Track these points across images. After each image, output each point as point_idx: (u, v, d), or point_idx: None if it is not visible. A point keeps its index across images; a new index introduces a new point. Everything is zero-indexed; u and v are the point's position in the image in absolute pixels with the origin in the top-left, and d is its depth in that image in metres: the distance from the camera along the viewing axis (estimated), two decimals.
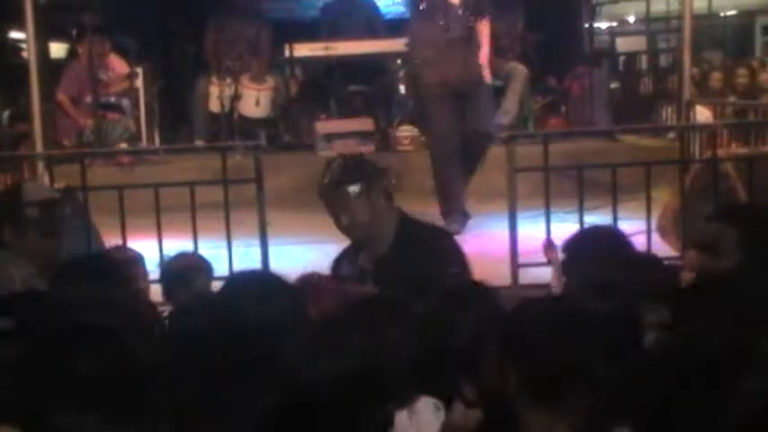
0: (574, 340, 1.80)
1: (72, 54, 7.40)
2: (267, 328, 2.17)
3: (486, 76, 5.52)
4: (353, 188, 3.09)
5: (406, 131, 6.97)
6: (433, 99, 5.39)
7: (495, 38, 7.36)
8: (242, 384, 1.84)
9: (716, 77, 8.70)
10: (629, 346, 2.04)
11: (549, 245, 3.95)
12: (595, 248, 2.87)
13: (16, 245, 3.11)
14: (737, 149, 5.67)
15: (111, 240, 4.32)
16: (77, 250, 3.71)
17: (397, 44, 7.48)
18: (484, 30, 5.54)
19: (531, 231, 4.39)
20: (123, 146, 6.78)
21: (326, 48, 7.31)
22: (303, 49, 7.30)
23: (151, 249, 3.93)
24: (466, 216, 5.36)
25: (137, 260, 3.40)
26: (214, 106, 7.24)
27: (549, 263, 3.85)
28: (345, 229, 3.16)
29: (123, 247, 3.75)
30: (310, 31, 7.83)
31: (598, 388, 1.76)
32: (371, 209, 3.10)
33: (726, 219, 2.92)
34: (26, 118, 6.03)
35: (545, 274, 3.82)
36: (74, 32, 7.43)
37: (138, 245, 4.05)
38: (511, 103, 7.10)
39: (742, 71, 8.56)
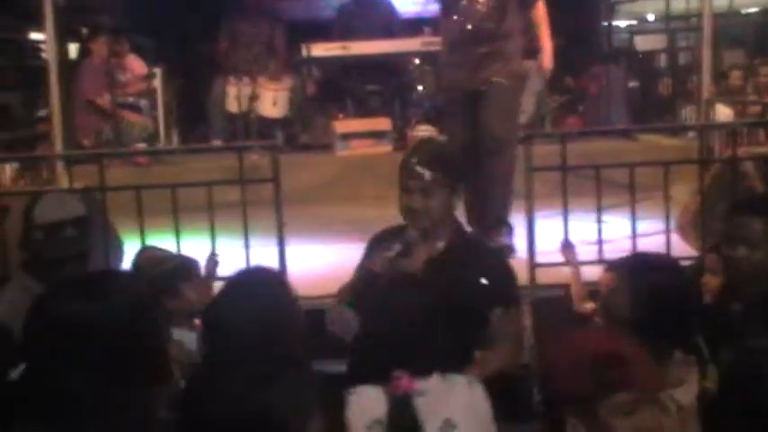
0: None
1: (84, 54, 7.43)
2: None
3: (546, 63, 5.01)
4: (443, 177, 3.03)
5: (422, 131, 6.96)
6: (448, 102, 4.99)
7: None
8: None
9: (736, 76, 8.63)
10: None
11: (566, 245, 3.94)
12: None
13: (28, 264, 2.90)
14: (758, 148, 5.63)
15: (130, 240, 4.35)
16: (96, 251, 3.71)
17: (413, 44, 7.49)
18: (540, 13, 4.98)
19: (549, 231, 4.37)
20: (141, 146, 6.82)
21: (343, 47, 7.31)
22: (320, 49, 7.31)
23: (169, 249, 3.93)
24: (509, 228, 4.85)
25: (194, 265, 3.37)
26: (231, 106, 7.26)
27: (566, 263, 3.84)
28: (413, 212, 3.04)
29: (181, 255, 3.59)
30: (327, 31, 7.84)
31: None
32: (446, 204, 3.05)
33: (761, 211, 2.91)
34: None
35: (562, 274, 3.81)
36: (84, 32, 7.44)
37: (155, 244, 4.07)
38: (527, 103, 7.09)
39: (765, 69, 8.47)
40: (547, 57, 5.04)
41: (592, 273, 3.66)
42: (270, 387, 1.64)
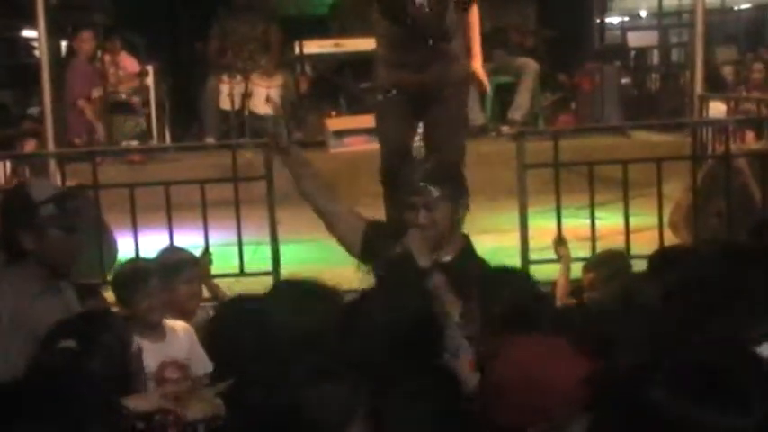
0: None
1: (71, 53, 7.39)
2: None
3: (478, 72, 4.67)
4: (449, 192, 3.05)
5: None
6: (387, 103, 4.47)
7: (501, 31, 7.30)
8: None
9: (728, 72, 8.64)
10: None
11: (559, 241, 3.94)
12: None
13: (36, 249, 2.79)
14: (751, 144, 5.63)
15: (123, 238, 4.34)
16: (90, 249, 3.70)
17: None
18: (473, 18, 4.70)
19: (542, 228, 4.38)
20: (134, 144, 6.80)
21: (336, 44, 7.31)
22: (313, 46, 7.30)
23: (162, 246, 3.93)
24: None
25: (192, 262, 3.38)
26: (224, 104, 7.24)
27: (559, 259, 3.85)
28: (420, 227, 3.02)
29: (177, 249, 3.58)
30: (321, 28, 7.83)
31: None
32: (451, 217, 3.06)
33: None
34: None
35: (556, 271, 3.81)
36: (69, 30, 7.40)
37: (148, 242, 4.07)
38: (523, 99, 7.09)
39: (758, 66, 8.48)
40: (478, 62, 4.87)
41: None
42: (312, 384, 1.64)
